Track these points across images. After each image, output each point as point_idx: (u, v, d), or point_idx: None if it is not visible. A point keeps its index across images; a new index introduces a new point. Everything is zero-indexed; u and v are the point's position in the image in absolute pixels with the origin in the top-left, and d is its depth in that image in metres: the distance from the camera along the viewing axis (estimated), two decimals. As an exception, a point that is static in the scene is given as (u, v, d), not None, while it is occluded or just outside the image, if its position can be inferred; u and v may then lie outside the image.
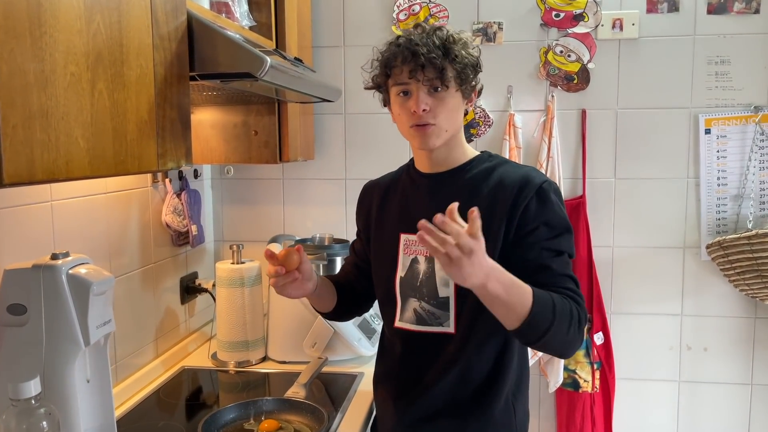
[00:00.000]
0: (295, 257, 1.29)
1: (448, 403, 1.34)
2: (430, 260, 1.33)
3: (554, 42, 2.15)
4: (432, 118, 1.27)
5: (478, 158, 1.37)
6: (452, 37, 1.28)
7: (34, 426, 0.99)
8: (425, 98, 1.26)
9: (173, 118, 1.19)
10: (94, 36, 0.95)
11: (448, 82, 1.26)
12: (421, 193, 1.38)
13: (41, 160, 0.84)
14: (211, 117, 1.96)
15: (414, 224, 1.26)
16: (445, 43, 1.26)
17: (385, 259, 1.41)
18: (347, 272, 1.56)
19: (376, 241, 1.45)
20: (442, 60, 1.24)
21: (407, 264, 1.36)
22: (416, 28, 1.31)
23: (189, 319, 2.10)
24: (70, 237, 1.47)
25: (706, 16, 2.08)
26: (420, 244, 1.07)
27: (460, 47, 1.27)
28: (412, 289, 1.36)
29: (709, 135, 2.12)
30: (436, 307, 1.33)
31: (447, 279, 1.31)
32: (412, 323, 1.36)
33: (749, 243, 1.98)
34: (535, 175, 1.31)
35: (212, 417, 1.45)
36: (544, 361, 2.21)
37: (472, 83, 1.31)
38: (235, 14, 1.60)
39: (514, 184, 1.29)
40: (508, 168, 1.34)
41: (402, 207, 1.41)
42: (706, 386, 2.22)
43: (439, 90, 1.26)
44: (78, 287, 1.09)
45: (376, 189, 1.49)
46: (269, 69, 1.22)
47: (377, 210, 1.46)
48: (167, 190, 1.91)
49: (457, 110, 1.30)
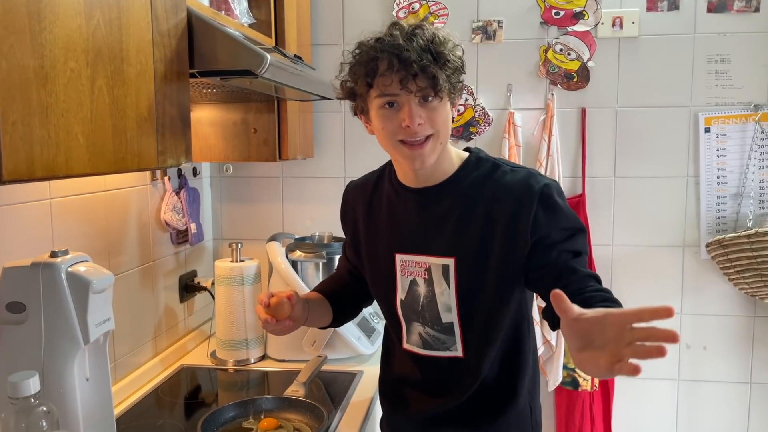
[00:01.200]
0: (286, 307, 1.27)
1: (464, 410, 1.31)
2: (428, 282, 1.26)
3: (554, 40, 2.15)
4: (428, 130, 1.14)
5: (467, 164, 1.25)
6: (438, 37, 1.13)
7: (33, 424, 0.99)
8: (418, 110, 1.12)
9: (173, 115, 1.18)
10: (94, 32, 0.95)
11: (441, 92, 1.12)
12: (410, 208, 1.27)
13: (41, 156, 0.84)
14: (211, 115, 1.96)
15: (408, 244, 1.26)
16: (432, 46, 1.11)
17: (383, 280, 1.33)
18: (342, 278, 1.51)
19: (370, 260, 1.36)
20: (434, 66, 1.10)
21: (406, 286, 1.29)
22: (394, 27, 1.14)
23: (188, 317, 2.10)
24: (70, 235, 1.47)
25: (706, 15, 2.08)
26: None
27: (448, 50, 1.13)
28: (414, 313, 1.30)
29: (708, 133, 2.11)
30: (440, 332, 1.28)
31: (449, 304, 1.24)
32: (419, 347, 1.31)
33: (749, 242, 1.98)
34: (533, 180, 1.19)
35: (211, 415, 1.44)
36: (544, 359, 2.21)
37: (459, 88, 1.19)
38: (234, 11, 1.59)
39: (511, 197, 1.18)
40: (502, 174, 1.22)
41: (392, 224, 1.30)
42: (706, 385, 2.22)
43: (431, 100, 1.13)
44: (77, 285, 1.09)
45: (360, 196, 1.38)
46: (269, 66, 1.22)
47: (364, 222, 1.36)
48: (166, 188, 1.91)
49: (449, 119, 1.18)
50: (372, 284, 1.39)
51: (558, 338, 2.15)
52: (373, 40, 1.14)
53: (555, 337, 2.15)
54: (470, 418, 1.31)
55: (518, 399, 1.30)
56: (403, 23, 1.15)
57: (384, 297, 1.35)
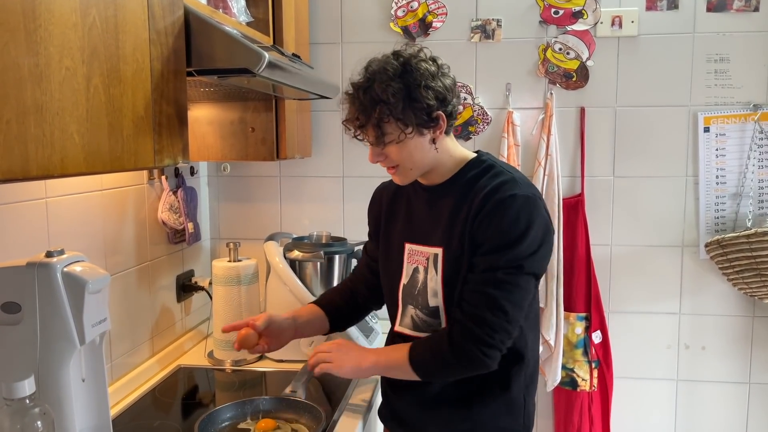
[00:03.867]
0: (252, 340, 1.45)
1: (452, 394, 1.36)
2: (427, 270, 1.36)
3: (553, 39, 2.14)
4: (390, 163, 1.31)
5: (469, 165, 1.35)
6: (388, 89, 1.21)
7: (28, 426, 0.98)
8: (376, 150, 1.29)
9: (170, 114, 1.17)
10: (90, 30, 0.94)
11: (389, 140, 1.25)
12: (421, 203, 1.40)
13: (35, 155, 0.83)
14: (208, 114, 1.95)
15: (416, 234, 1.39)
16: (381, 97, 1.21)
17: (392, 267, 1.44)
18: (358, 275, 1.62)
19: (385, 249, 1.48)
20: (377, 120, 1.23)
21: (410, 272, 1.40)
22: (367, 69, 1.26)
23: (185, 317, 2.09)
24: (65, 234, 1.46)
25: (705, 14, 2.07)
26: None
27: (406, 93, 1.22)
28: (411, 296, 1.40)
29: (708, 133, 2.11)
30: (428, 315, 1.37)
31: (436, 290, 1.34)
32: (410, 329, 1.41)
33: (748, 242, 1.98)
34: (507, 186, 1.26)
35: (209, 416, 1.44)
36: (543, 359, 2.20)
37: (431, 120, 1.26)
38: (232, 10, 1.58)
39: (480, 195, 1.27)
40: (493, 176, 1.30)
41: (407, 216, 1.43)
42: (704, 385, 2.22)
43: (382, 146, 1.27)
44: (73, 285, 1.08)
45: (386, 192, 1.51)
46: (267, 65, 1.21)
47: (386, 215, 1.49)
48: (163, 188, 1.90)
49: (415, 150, 1.28)
50: (383, 268, 1.49)
51: (557, 339, 2.15)
52: (351, 82, 1.29)
53: (553, 338, 2.14)
54: (464, 401, 1.35)
55: (512, 387, 1.34)
56: (376, 63, 1.25)
57: (390, 281, 1.46)
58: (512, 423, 1.37)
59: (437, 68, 1.27)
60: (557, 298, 2.14)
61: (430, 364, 1.30)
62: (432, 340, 1.31)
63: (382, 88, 1.22)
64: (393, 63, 1.24)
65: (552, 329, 2.14)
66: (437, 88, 1.25)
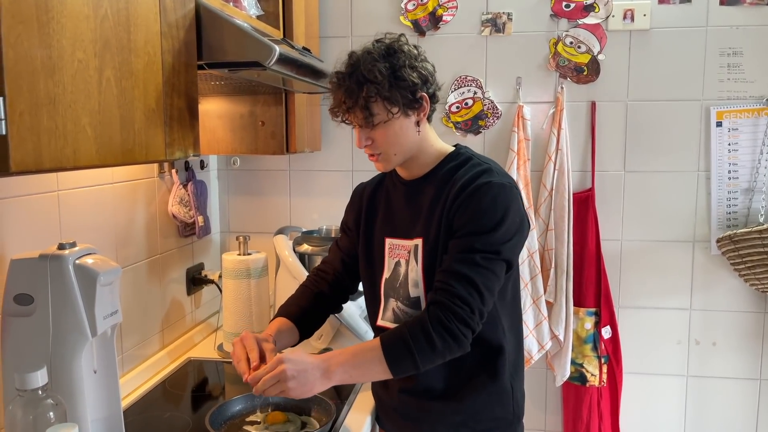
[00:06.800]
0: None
1: (441, 387, 1.37)
2: (407, 262, 1.37)
3: (564, 33, 2.13)
4: (375, 149, 1.31)
5: (448, 157, 1.37)
6: (374, 69, 1.24)
7: (40, 416, 0.99)
8: (363, 134, 1.31)
9: (181, 107, 1.18)
10: (102, 22, 0.94)
11: (377, 120, 1.26)
12: (400, 197, 1.42)
13: (48, 148, 0.83)
14: (218, 107, 1.95)
15: (396, 229, 1.41)
16: (367, 77, 1.24)
17: (373, 261, 1.45)
18: (321, 275, 1.57)
19: (366, 246, 1.48)
20: (365, 100, 1.25)
21: (392, 266, 1.41)
22: (350, 57, 1.30)
23: (195, 310, 2.10)
24: (77, 227, 1.46)
25: (718, 7, 2.05)
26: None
27: (403, 72, 1.25)
28: (393, 289, 1.40)
29: (720, 128, 2.09)
30: (409, 306, 1.37)
31: (417, 280, 1.35)
32: (392, 322, 1.40)
33: (760, 237, 1.96)
34: (483, 176, 1.29)
35: (219, 409, 1.44)
36: (551, 354, 2.20)
37: (416, 99, 1.28)
38: (242, 3, 1.58)
39: (457, 184, 1.29)
40: (470, 167, 1.33)
41: (386, 211, 1.45)
42: (715, 381, 2.21)
43: (374, 126, 1.28)
44: (85, 277, 1.09)
45: (366, 190, 1.52)
46: (278, 58, 1.21)
47: (366, 212, 1.49)
48: (174, 181, 1.91)
49: (401, 132, 1.30)
50: (364, 265, 1.49)
51: (566, 334, 2.14)
52: (335, 71, 1.31)
53: (563, 333, 2.14)
54: (455, 394, 1.36)
55: (498, 376, 1.35)
56: (359, 51, 1.30)
57: (371, 276, 1.46)
58: (503, 412, 1.38)
59: (418, 53, 1.32)
60: (567, 293, 2.13)
61: (402, 349, 1.22)
62: (406, 324, 1.25)
63: (368, 68, 1.24)
64: (377, 46, 1.29)
65: (561, 324, 2.13)
66: (420, 69, 1.29)
